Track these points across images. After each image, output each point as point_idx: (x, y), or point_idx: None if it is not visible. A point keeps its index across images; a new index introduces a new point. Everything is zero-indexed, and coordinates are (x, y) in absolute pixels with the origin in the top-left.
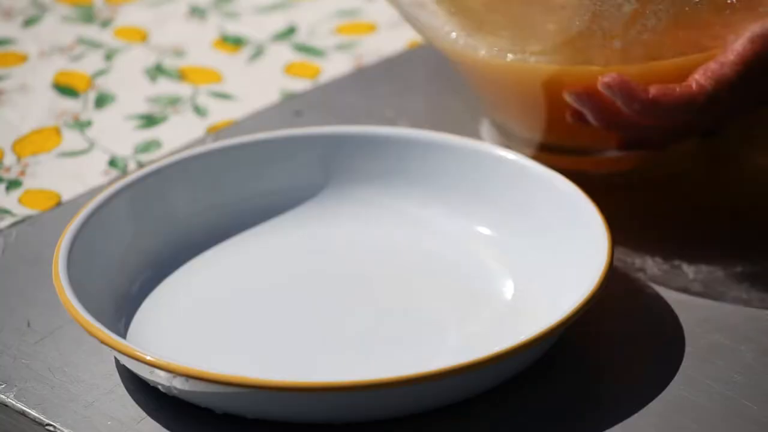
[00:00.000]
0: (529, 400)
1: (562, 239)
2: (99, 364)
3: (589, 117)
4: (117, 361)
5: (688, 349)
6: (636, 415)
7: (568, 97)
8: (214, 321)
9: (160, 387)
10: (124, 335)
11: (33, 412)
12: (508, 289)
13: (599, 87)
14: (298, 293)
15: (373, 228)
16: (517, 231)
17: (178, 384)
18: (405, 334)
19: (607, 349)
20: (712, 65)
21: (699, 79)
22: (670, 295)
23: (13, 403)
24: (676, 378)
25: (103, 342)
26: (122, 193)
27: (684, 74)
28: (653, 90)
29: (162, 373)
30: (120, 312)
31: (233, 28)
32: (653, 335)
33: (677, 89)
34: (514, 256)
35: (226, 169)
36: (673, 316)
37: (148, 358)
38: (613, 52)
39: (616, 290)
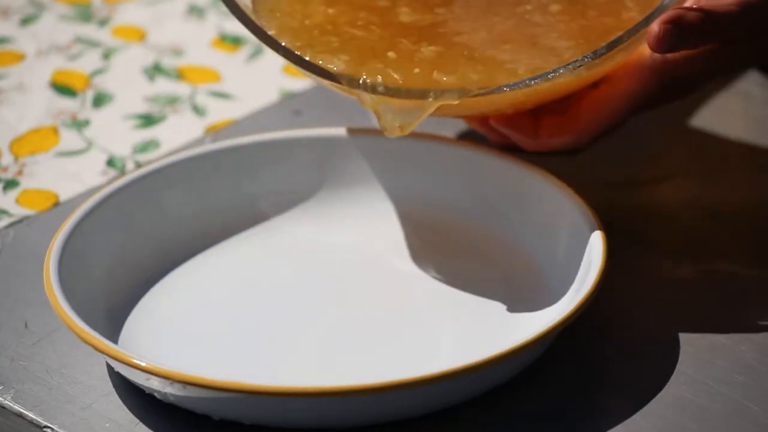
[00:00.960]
0: (528, 401)
1: (559, 240)
2: (97, 366)
3: (490, 142)
4: None
5: (688, 349)
6: (636, 415)
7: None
8: (210, 323)
9: (156, 394)
10: (117, 339)
11: (30, 414)
12: (505, 290)
13: (491, 124)
14: (295, 295)
15: (371, 228)
16: (514, 232)
17: (174, 391)
18: (401, 336)
19: (606, 349)
20: (601, 107)
21: (584, 128)
22: (669, 295)
23: (11, 404)
24: (676, 378)
25: (97, 349)
26: (115, 195)
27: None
28: (543, 132)
29: (157, 381)
30: (114, 315)
31: (232, 27)
32: (653, 335)
33: (565, 130)
34: (511, 257)
35: (222, 171)
36: (673, 316)
37: (143, 365)
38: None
39: (614, 290)
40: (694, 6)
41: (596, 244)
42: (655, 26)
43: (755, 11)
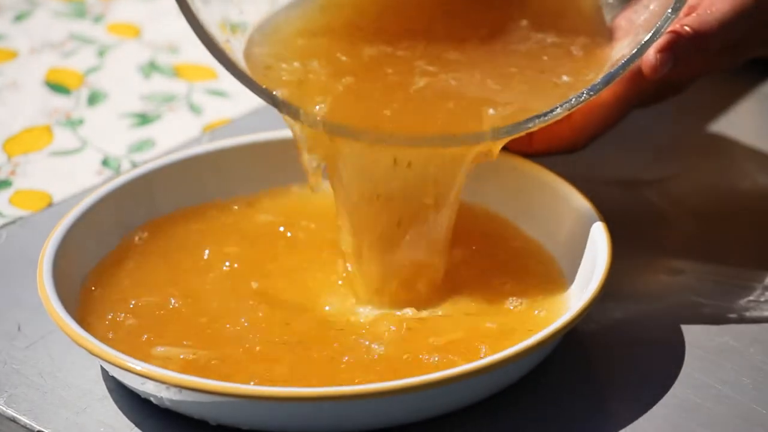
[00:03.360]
0: (532, 403)
1: (563, 241)
2: (91, 369)
3: None
4: None
5: (695, 351)
6: (642, 418)
7: None
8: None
9: (151, 399)
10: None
11: (24, 419)
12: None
13: None
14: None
15: None
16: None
17: (169, 395)
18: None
19: (612, 351)
20: (595, 112)
21: (579, 133)
22: (675, 297)
23: (3, 409)
24: (683, 381)
25: (91, 352)
26: (110, 196)
27: None
28: (536, 143)
29: (152, 384)
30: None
31: None
32: (659, 338)
33: (560, 136)
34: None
35: (220, 171)
36: (679, 319)
37: (138, 368)
38: None
39: (620, 292)
40: (686, 27)
41: (601, 244)
42: (651, 55)
43: (745, 20)
